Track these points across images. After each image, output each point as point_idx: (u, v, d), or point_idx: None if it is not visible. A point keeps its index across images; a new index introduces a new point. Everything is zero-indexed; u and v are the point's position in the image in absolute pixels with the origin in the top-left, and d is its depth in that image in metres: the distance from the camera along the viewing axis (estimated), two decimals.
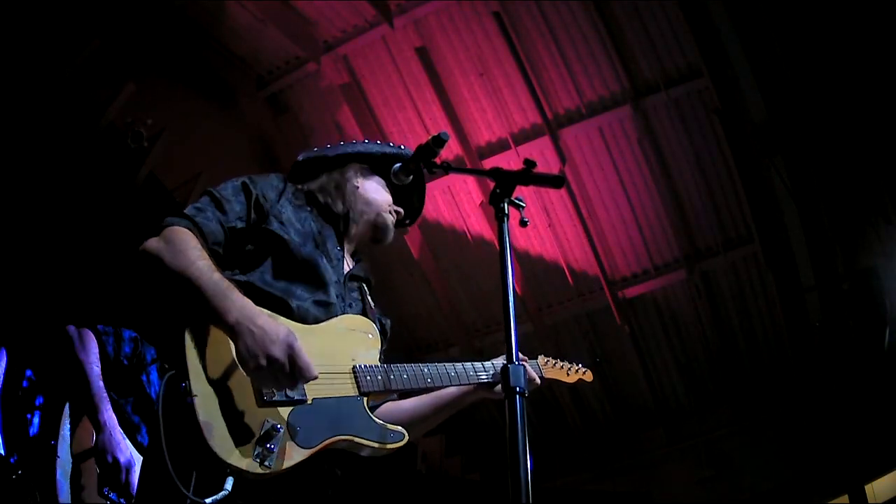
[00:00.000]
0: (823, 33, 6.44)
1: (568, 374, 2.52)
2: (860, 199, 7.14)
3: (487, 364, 2.20)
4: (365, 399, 1.91)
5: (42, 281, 4.56)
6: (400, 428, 1.95)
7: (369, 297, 2.21)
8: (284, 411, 1.76)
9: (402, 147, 2.38)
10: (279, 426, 1.71)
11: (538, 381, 2.27)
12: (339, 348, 1.95)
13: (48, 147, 4.99)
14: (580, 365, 2.59)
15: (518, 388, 1.60)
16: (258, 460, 1.66)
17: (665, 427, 9.10)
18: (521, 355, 2.24)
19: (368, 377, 1.94)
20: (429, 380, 2.07)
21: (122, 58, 5.90)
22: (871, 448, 7.15)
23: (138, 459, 2.92)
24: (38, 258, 4.63)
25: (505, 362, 1.69)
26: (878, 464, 7.26)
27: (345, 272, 2.14)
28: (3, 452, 3.35)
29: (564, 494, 8.28)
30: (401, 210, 2.30)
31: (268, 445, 1.68)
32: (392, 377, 1.99)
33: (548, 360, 2.46)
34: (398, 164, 2.07)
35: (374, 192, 2.27)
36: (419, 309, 8.72)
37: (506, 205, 1.86)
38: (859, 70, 6.45)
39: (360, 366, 1.95)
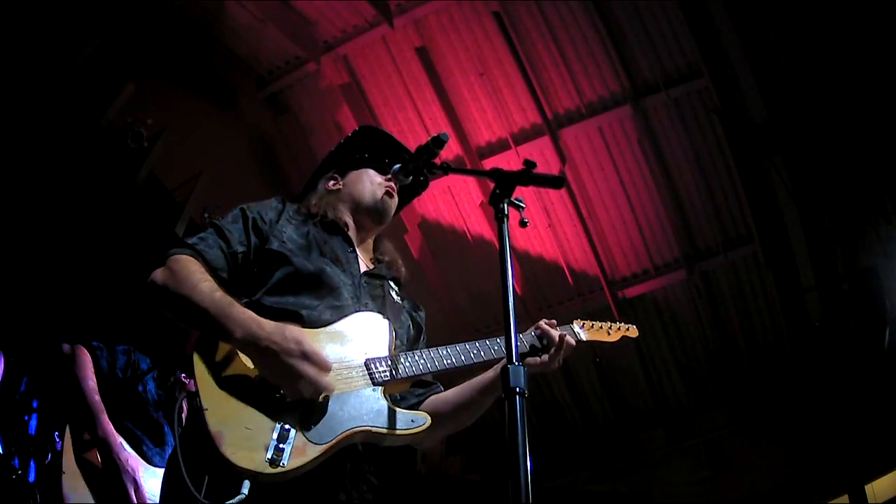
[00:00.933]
0: (823, 33, 6.45)
1: (609, 334, 2.42)
2: (860, 199, 7.14)
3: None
4: (381, 389, 1.92)
5: (41, 281, 4.56)
6: (422, 413, 1.95)
7: (393, 294, 2.21)
8: (296, 411, 1.78)
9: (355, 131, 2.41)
10: (290, 426, 1.74)
11: (573, 342, 2.15)
12: (350, 345, 1.96)
13: (48, 147, 4.99)
14: (620, 322, 2.48)
15: (518, 389, 1.59)
16: (270, 461, 1.69)
17: (665, 427, 9.10)
18: (550, 322, 2.15)
19: (381, 368, 1.95)
20: (447, 361, 2.05)
21: (122, 58, 5.90)
22: (871, 448, 7.15)
23: (144, 468, 2.93)
24: (37, 258, 4.63)
25: (506, 362, 1.68)
26: (878, 464, 7.26)
27: (360, 273, 2.15)
28: (1, 452, 3.35)
29: (564, 494, 8.28)
30: (393, 180, 2.27)
31: (279, 446, 1.71)
32: (407, 364, 1.99)
33: (584, 323, 2.37)
34: (398, 165, 2.08)
35: (354, 183, 2.30)
36: None
37: (505, 205, 1.85)
38: (859, 70, 6.45)
39: (372, 358, 1.96)
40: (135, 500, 2.84)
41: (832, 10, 6.23)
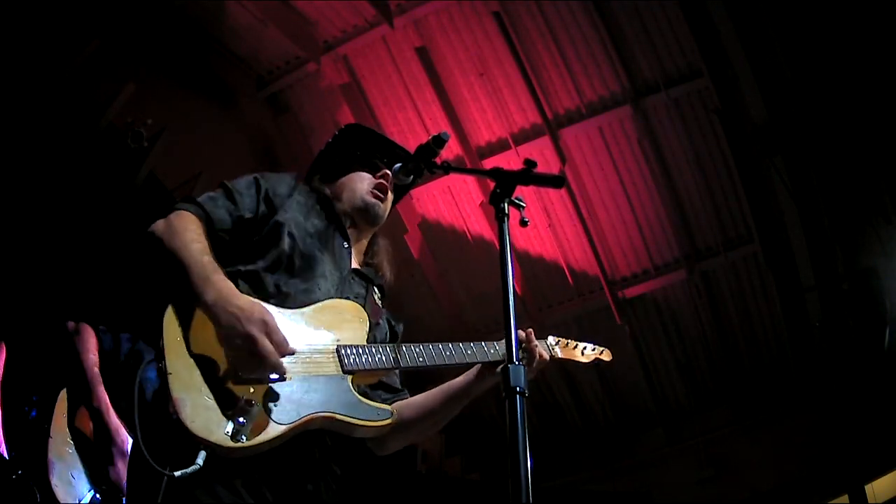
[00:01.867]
0: (823, 33, 6.44)
1: (583, 354, 2.44)
2: (860, 199, 7.14)
3: (488, 344, 2.12)
4: (350, 378, 1.90)
5: (41, 281, 4.56)
6: (387, 406, 1.94)
7: (376, 298, 2.20)
8: (261, 388, 1.76)
9: (340, 130, 2.40)
10: (254, 402, 1.72)
11: (546, 357, 2.17)
12: (324, 329, 1.94)
13: (48, 147, 4.99)
14: (594, 345, 2.48)
15: (518, 388, 1.59)
16: (230, 435, 1.67)
17: (665, 427, 9.09)
18: (529, 330, 2.16)
19: (352, 356, 1.93)
20: (420, 359, 2.03)
21: (122, 58, 5.91)
22: (871, 448, 7.15)
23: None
24: (37, 258, 4.63)
25: (506, 362, 1.67)
26: (878, 464, 7.27)
27: (349, 268, 2.14)
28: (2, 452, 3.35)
29: (564, 494, 8.27)
30: (384, 180, 2.26)
31: (240, 420, 1.68)
32: (379, 356, 1.97)
33: (559, 340, 2.37)
34: (398, 165, 2.07)
35: (345, 187, 2.28)
36: (419, 310, 8.70)
37: (506, 205, 1.85)
38: (859, 70, 6.45)
39: (343, 345, 1.94)
40: (120, 467, 2.86)
41: (832, 9, 6.23)
